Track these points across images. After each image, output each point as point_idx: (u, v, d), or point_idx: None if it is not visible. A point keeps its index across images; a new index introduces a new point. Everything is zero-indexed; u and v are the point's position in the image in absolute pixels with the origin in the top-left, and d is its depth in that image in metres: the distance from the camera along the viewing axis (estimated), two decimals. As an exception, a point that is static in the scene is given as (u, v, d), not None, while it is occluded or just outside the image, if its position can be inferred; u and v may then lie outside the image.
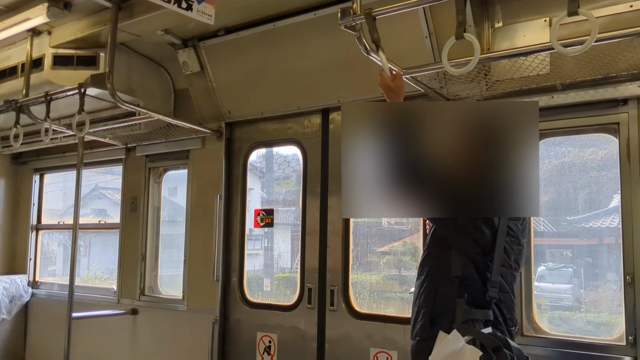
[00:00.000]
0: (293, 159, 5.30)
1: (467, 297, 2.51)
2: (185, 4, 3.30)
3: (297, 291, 4.71)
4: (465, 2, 2.58)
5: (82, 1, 4.32)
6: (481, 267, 2.55)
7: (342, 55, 4.15)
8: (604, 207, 3.75)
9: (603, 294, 3.76)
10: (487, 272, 2.54)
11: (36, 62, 4.88)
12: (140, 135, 5.48)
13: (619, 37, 2.73)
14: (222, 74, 4.91)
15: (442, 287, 2.60)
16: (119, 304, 5.85)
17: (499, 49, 3.75)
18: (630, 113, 3.41)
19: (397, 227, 4.67)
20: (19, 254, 7.09)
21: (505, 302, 2.57)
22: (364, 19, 2.81)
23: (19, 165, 7.22)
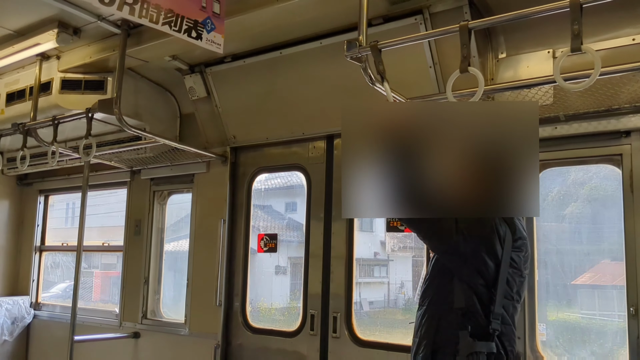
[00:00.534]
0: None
1: (469, 328, 2.50)
2: (195, 33, 3.35)
3: (300, 317, 4.70)
4: (470, 36, 2.61)
5: (91, 27, 4.39)
6: (484, 299, 2.54)
7: (346, 82, 4.19)
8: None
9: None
10: (490, 304, 2.53)
11: (44, 85, 4.94)
12: (145, 159, 5.52)
13: (622, 71, 2.76)
14: (228, 99, 4.96)
15: (445, 319, 2.58)
16: (121, 327, 5.83)
17: (503, 79, 3.79)
18: (633, 145, 3.43)
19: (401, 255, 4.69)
20: (22, 275, 7.09)
21: (507, 334, 2.56)
22: (370, 51, 2.84)
23: (24, 187, 7.25)
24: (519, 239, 2.63)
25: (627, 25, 3.38)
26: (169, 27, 3.22)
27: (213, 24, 3.44)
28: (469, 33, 2.60)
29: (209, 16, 3.42)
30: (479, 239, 2.53)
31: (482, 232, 2.53)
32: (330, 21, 4.01)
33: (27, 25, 4.48)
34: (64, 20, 4.33)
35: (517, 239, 2.62)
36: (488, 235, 2.53)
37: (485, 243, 2.53)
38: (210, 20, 3.43)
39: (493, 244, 2.53)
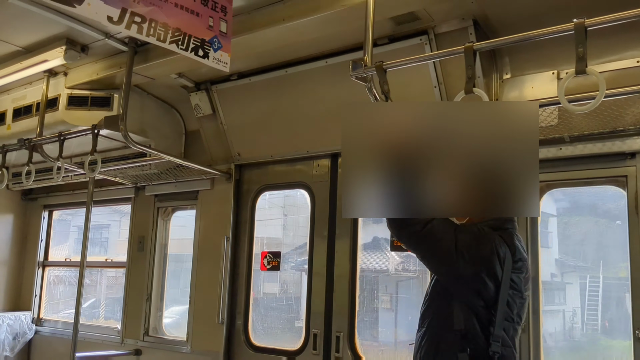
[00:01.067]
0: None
1: (469, 351, 2.47)
2: (202, 52, 3.37)
3: (302, 336, 4.67)
4: (475, 57, 2.62)
5: (99, 45, 4.42)
6: (484, 321, 2.51)
7: (351, 101, 4.20)
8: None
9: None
10: (490, 326, 2.50)
11: (51, 102, 4.97)
12: (150, 175, 5.53)
13: (627, 93, 2.76)
14: (234, 117, 4.98)
15: (444, 341, 2.55)
16: (123, 344, 5.81)
17: (508, 99, 3.80)
18: (638, 166, 3.43)
19: (405, 274, 4.66)
20: (25, 290, 7.08)
21: (508, 357, 2.52)
22: (375, 71, 2.86)
23: (28, 202, 7.27)
24: (519, 260, 2.61)
25: (632, 48, 3.39)
26: (177, 46, 3.24)
27: (220, 43, 3.46)
28: (474, 54, 2.62)
29: (216, 35, 3.45)
30: (478, 260, 2.51)
31: (481, 253, 2.52)
32: (336, 41, 4.04)
33: (35, 42, 4.51)
34: (72, 37, 4.37)
35: (517, 260, 2.60)
36: (488, 257, 2.51)
37: (484, 264, 2.51)
38: (217, 39, 3.45)
39: (493, 265, 2.51)
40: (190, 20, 3.34)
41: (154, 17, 3.17)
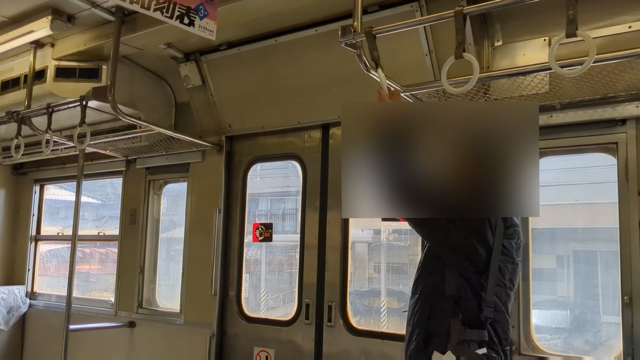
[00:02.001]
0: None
1: (461, 316, 2.49)
2: (187, 20, 3.32)
3: (295, 306, 4.70)
4: (465, 22, 2.59)
5: (85, 15, 4.35)
6: (476, 287, 2.53)
7: (342, 70, 4.17)
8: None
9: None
10: (481, 292, 2.52)
11: (39, 74, 4.90)
12: (140, 148, 5.50)
13: (617, 58, 2.74)
14: (224, 88, 4.94)
15: (437, 307, 2.57)
16: (117, 316, 5.83)
17: (499, 66, 3.77)
18: (628, 133, 3.42)
19: (396, 244, 4.68)
20: (18, 264, 7.08)
21: (500, 322, 2.55)
22: (365, 37, 2.82)
23: (19, 176, 7.23)
24: (510, 226, 2.62)
25: (623, 13, 3.36)
26: (161, 13, 3.19)
27: (206, 11, 3.42)
28: (464, 18, 2.58)
29: (202, 2, 3.39)
30: (469, 227, 2.52)
31: (472, 220, 2.52)
32: (325, 8, 3.98)
33: (20, 13, 4.43)
34: (58, 7, 4.28)
35: (509, 226, 2.61)
36: (479, 223, 2.52)
37: (476, 230, 2.52)
38: (203, 7, 3.40)
39: (484, 231, 2.52)
40: (176, -13, 3.29)
41: (138, -16, 3.12)
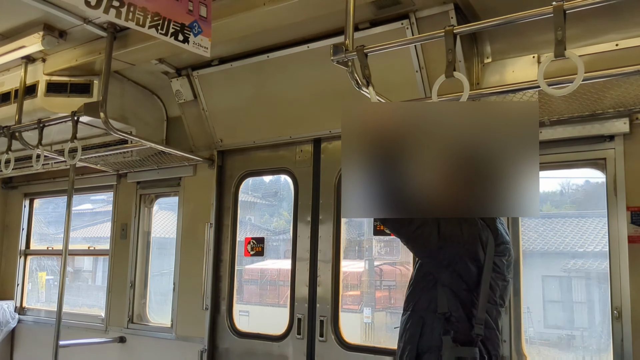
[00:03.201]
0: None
1: (453, 333, 2.51)
2: (182, 37, 3.33)
3: (287, 321, 4.69)
4: (455, 41, 2.62)
5: (77, 30, 4.35)
6: (467, 304, 2.55)
7: (334, 86, 4.20)
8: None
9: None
10: (473, 309, 2.54)
11: (30, 88, 4.89)
12: (131, 162, 5.49)
13: (605, 77, 2.78)
14: (215, 102, 4.95)
15: (428, 324, 2.59)
16: (107, 331, 5.79)
17: (489, 83, 3.82)
18: (616, 149, 3.47)
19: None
20: (7, 279, 7.02)
21: (491, 338, 2.57)
22: (356, 56, 2.85)
23: (8, 190, 7.19)
24: (501, 243, 2.65)
25: (610, 31, 3.42)
26: (156, 31, 3.20)
27: (200, 28, 3.43)
28: (454, 38, 2.62)
29: (196, 19, 3.41)
30: (461, 244, 2.54)
31: (464, 238, 2.54)
32: (317, 25, 4.01)
33: (12, 28, 4.43)
34: (50, 22, 4.29)
35: (500, 244, 2.64)
36: (470, 241, 2.54)
37: (467, 248, 2.54)
38: (197, 24, 3.42)
39: (475, 248, 2.54)
40: (169, 4, 3.30)
41: (132, 1, 3.13)
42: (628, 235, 3.38)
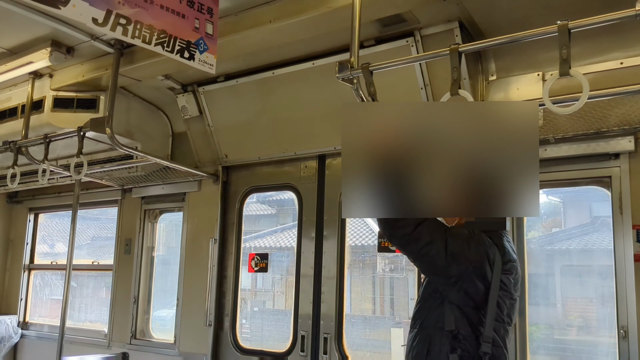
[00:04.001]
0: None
1: (460, 352, 2.49)
2: (188, 54, 3.36)
3: (290, 338, 4.67)
4: (460, 59, 2.64)
5: (84, 46, 4.40)
6: (474, 322, 2.53)
7: (338, 102, 4.12)
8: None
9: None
10: (480, 327, 2.52)
11: (36, 104, 4.92)
12: (136, 177, 5.51)
13: (610, 95, 2.79)
14: (221, 118, 4.97)
15: (435, 342, 2.57)
16: (110, 347, 5.77)
17: (494, 100, 3.82)
18: (622, 167, 3.46)
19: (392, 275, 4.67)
20: (10, 294, 7.01)
21: (498, 357, 2.55)
22: (362, 73, 2.86)
23: (13, 204, 7.21)
24: (508, 261, 2.64)
25: (615, 50, 3.43)
26: (162, 48, 3.22)
27: (206, 45, 3.45)
28: (460, 56, 2.63)
29: (202, 37, 3.44)
30: (468, 262, 2.53)
31: (471, 256, 2.54)
32: (322, 42, 4.04)
33: (20, 44, 4.47)
34: (57, 39, 4.33)
35: (507, 262, 2.63)
36: (477, 259, 2.54)
37: (474, 266, 2.53)
38: (203, 41, 3.44)
39: (482, 266, 2.53)
40: (176, 22, 3.32)
41: (139, 19, 3.16)
42: (634, 254, 3.36)
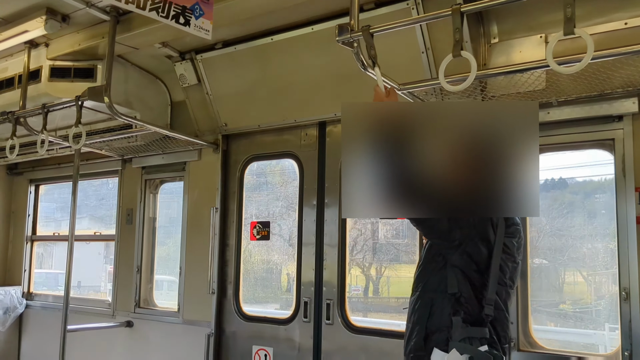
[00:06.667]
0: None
1: (462, 314, 2.50)
2: (183, 19, 3.31)
3: (293, 304, 4.70)
4: (462, 20, 2.59)
5: (80, 14, 4.31)
6: (477, 285, 2.54)
7: (338, 68, 4.17)
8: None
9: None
10: (482, 290, 2.53)
11: (33, 74, 4.86)
12: (136, 147, 5.48)
13: (614, 55, 2.74)
14: (220, 86, 4.92)
15: (438, 304, 2.58)
16: (114, 316, 5.82)
17: (496, 64, 3.77)
18: (625, 129, 3.44)
19: (394, 241, 4.68)
20: (14, 265, 7.06)
21: (500, 320, 2.56)
22: (362, 36, 2.81)
23: (14, 176, 7.20)
24: (512, 224, 2.64)
25: (619, 9, 3.36)
26: (157, 13, 3.18)
27: (202, 10, 3.40)
28: (462, 17, 2.58)
29: (198, 2, 3.38)
30: (471, 225, 2.53)
31: (474, 219, 2.53)
32: (321, 6, 3.97)
33: (14, 12, 4.39)
34: (52, 6, 4.25)
35: (510, 225, 2.63)
36: (480, 221, 2.53)
37: (477, 229, 2.53)
38: (199, 6, 3.39)
39: (486, 229, 2.53)
40: (171, -14, 3.27)
41: (134, -16, 3.10)
42: (636, 216, 3.35)
